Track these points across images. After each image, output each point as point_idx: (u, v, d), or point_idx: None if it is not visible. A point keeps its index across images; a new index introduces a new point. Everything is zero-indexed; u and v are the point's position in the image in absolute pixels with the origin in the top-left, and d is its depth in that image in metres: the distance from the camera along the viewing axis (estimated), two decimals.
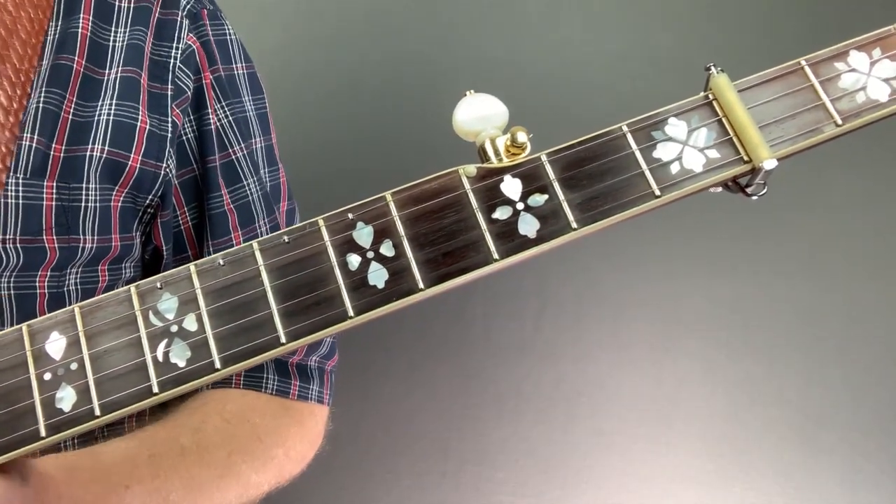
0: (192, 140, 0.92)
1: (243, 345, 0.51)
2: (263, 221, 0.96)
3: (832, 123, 0.53)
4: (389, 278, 0.52)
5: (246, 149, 0.96)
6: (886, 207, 1.57)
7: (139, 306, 0.52)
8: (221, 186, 0.93)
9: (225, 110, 0.95)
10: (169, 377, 0.51)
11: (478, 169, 0.53)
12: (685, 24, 1.56)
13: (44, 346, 0.52)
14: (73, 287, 0.83)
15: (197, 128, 0.92)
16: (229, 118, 0.95)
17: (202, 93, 0.93)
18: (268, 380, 0.94)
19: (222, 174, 0.93)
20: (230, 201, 0.93)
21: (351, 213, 0.53)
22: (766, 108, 0.53)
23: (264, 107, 1.01)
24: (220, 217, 0.92)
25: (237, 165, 0.95)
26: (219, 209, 0.92)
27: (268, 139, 0.99)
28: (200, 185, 0.92)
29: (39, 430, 0.50)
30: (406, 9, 1.54)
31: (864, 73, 0.54)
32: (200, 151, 0.92)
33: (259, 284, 0.52)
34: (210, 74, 0.93)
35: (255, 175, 0.96)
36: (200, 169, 0.92)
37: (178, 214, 0.92)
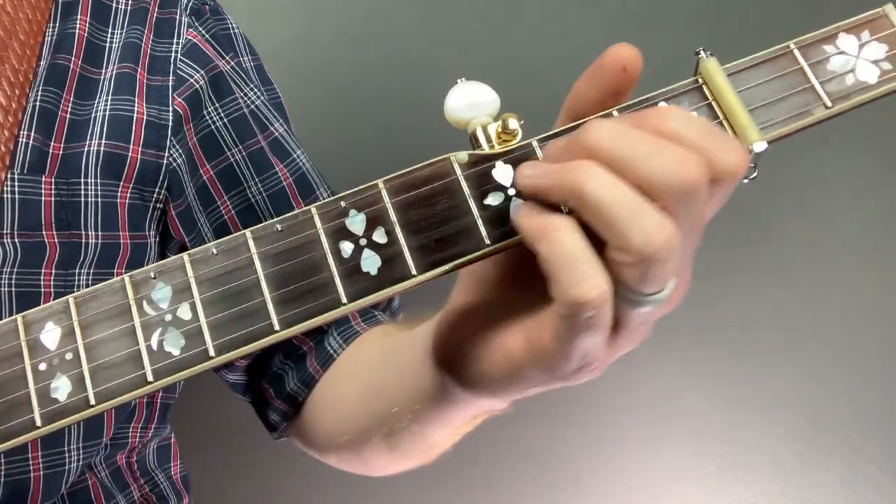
0: (223, 128, 0.91)
1: (237, 332, 0.51)
2: (324, 188, 0.95)
3: (822, 105, 0.53)
4: (382, 265, 0.52)
5: (284, 125, 0.96)
6: (886, 208, 1.58)
7: (133, 296, 0.52)
8: (275, 163, 0.93)
9: (255, 92, 0.95)
10: (163, 365, 0.51)
11: (469, 156, 0.53)
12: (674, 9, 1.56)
13: (38, 336, 0.52)
14: (85, 288, 0.83)
15: (225, 115, 0.92)
16: (262, 98, 0.95)
17: (222, 81, 0.93)
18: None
19: (273, 151, 0.93)
20: (288, 174, 0.93)
21: (343, 201, 0.53)
22: (755, 92, 0.54)
23: (278, 96, 1.01)
24: (279, 193, 0.92)
25: (283, 141, 0.95)
26: (276, 186, 0.92)
27: (288, 125, 0.99)
28: (243, 170, 0.92)
29: (35, 419, 0.50)
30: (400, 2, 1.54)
31: (853, 55, 0.54)
32: (239, 137, 0.92)
33: (252, 273, 0.52)
34: (228, 63, 0.94)
35: (301, 148, 0.96)
36: (240, 154, 0.92)
37: (220, 205, 0.91)
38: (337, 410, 0.88)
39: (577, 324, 0.47)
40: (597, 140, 0.47)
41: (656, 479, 1.54)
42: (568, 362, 0.50)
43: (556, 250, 0.47)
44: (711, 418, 1.55)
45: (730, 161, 0.47)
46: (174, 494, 0.99)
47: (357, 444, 0.82)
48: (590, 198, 0.46)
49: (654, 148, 0.46)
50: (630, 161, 0.46)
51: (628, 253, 0.45)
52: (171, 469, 1.01)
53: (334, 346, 0.90)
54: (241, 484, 1.47)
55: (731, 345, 1.56)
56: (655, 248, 0.45)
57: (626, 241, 0.45)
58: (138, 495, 0.94)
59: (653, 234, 0.45)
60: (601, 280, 0.46)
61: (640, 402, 1.55)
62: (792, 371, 1.55)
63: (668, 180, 0.45)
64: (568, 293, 0.46)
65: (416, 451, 0.75)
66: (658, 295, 0.48)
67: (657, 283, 0.47)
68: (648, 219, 0.45)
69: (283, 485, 1.47)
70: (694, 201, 0.46)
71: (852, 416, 1.55)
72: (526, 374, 0.53)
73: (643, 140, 0.47)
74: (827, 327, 1.56)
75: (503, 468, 1.52)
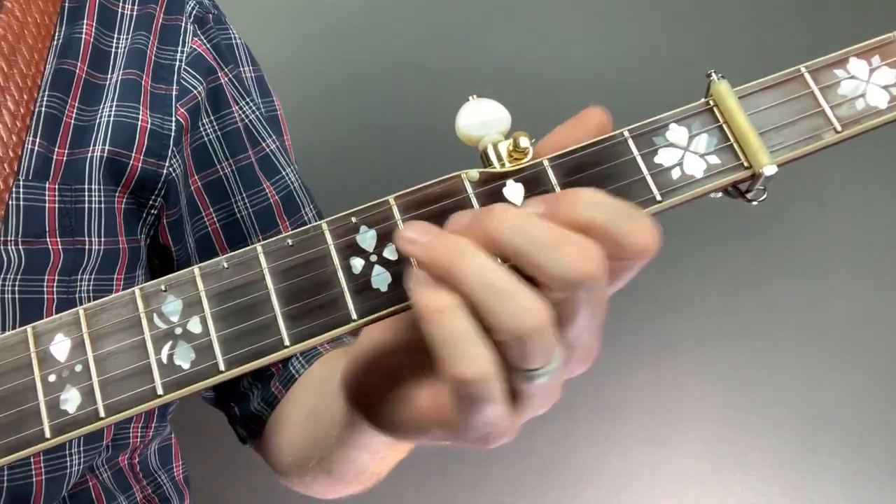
0: (216, 141, 0.91)
1: (247, 347, 0.51)
2: (309, 209, 0.96)
3: (832, 130, 0.54)
4: (392, 282, 0.52)
5: (277, 141, 0.96)
6: (886, 209, 1.58)
7: (143, 308, 0.52)
8: (262, 180, 0.93)
9: (251, 107, 0.95)
10: (173, 379, 0.51)
11: (480, 173, 0.53)
12: (686, 29, 1.56)
13: (48, 347, 0.52)
14: (87, 294, 0.83)
15: (220, 128, 0.92)
16: (256, 113, 0.95)
17: (221, 93, 0.93)
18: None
19: (261, 168, 0.93)
20: (274, 192, 0.93)
21: (354, 217, 0.53)
22: (766, 115, 0.54)
23: (275, 109, 1.01)
24: (265, 210, 0.92)
25: (273, 157, 0.95)
26: (263, 203, 0.92)
27: (282, 140, 0.99)
28: (231, 184, 0.92)
29: (44, 431, 0.51)
30: (408, 13, 1.54)
31: (864, 80, 0.54)
32: (230, 151, 0.92)
33: (263, 287, 0.52)
34: (227, 74, 0.94)
35: (291, 165, 0.96)
36: (230, 168, 0.92)
37: (204, 216, 0.91)
38: (281, 433, 0.90)
39: (466, 399, 0.48)
40: (497, 229, 0.48)
41: (656, 479, 1.54)
42: (470, 432, 0.51)
43: (439, 330, 0.47)
44: (711, 418, 1.55)
45: (640, 244, 0.48)
46: (176, 495, 0.99)
47: (298, 468, 0.84)
48: (462, 281, 0.47)
49: (555, 241, 0.47)
50: (528, 253, 0.47)
51: (501, 333, 0.47)
52: (174, 470, 1.01)
53: (297, 367, 0.91)
54: (241, 484, 1.47)
55: (731, 345, 1.56)
56: (526, 330, 0.46)
57: (497, 323, 0.46)
58: (141, 496, 0.94)
59: (523, 318, 0.46)
60: (481, 360, 0.47)
61: (641, 402, 1.55)
62: (792, 371, 1.56)
63: (565, 275, 0.46)
64: (448, 372, 0.47)
65: (350, 477, 0.76)
66: (543, 370, 0.48)
67: (537, 360, 0.48)
68: (519, 302, 0.46)
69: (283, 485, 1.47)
70: (592, 290, 0.47)
71: (852, 415, 1.55)
72: (433, 432, 0.54)
73: (544, 233, 0.47)
74: (827, 327, 1.56)
75: (503, 468, 1.52)
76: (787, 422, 1.55)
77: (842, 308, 1.56)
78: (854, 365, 1.56)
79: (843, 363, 1.56)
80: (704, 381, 1.56)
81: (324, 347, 0.92)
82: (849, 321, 1.56)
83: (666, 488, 1.54)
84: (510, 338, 0.46)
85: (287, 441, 0.88)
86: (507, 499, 1.52)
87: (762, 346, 1.56)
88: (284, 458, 0.88)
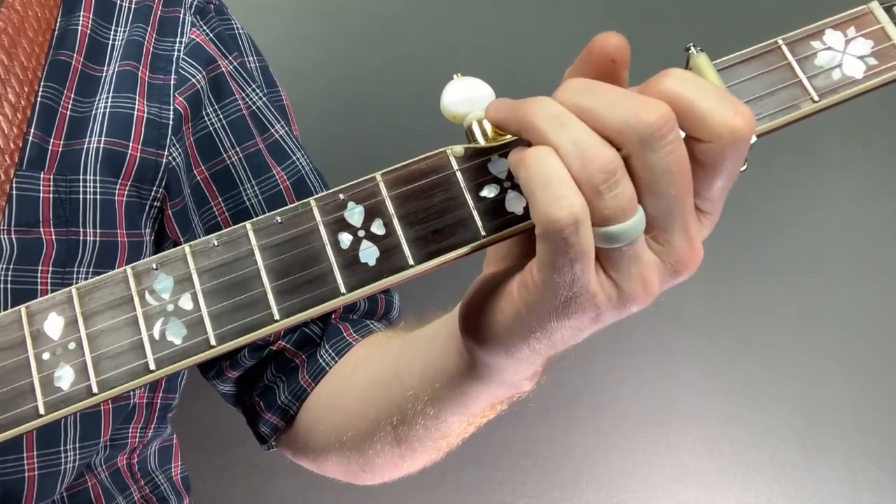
0: (221, 130, 0.92)
1: (238, 322, 0.52)
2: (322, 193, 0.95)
3: (809, 100, 0.54)
4: (380, 256, 0.52)
5: (286, 127, 0.96)
6: (886, 207, 1.58)
7: (136, 286, 0.53)
8: (273, 166, 0.93)
9: (257, 93, 0.95)
10: (165, 354, 0.52)
11: (465, 149, 0.54)
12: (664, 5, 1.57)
13: (42, 326, 0.53)
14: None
15: (224, 116, 0.92)
16: (263, 99, 0.95)
17: (223, 81, 0.93)
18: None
19: (271, 154, 0.93)
20: (285, 178, 0.93)
21: (342, 194, 0.54)
22: (744, 86, 0.55)
23: (281, 99, 1.01)
24: (275, 196, 0.92)
25: (282, 143, 0.95)
26: (273, 189, 0.92)
27: (290, 128, 0.99)
28: (239, 172, 0.92)
29: (38, 408, 0.51)
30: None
31: (840, 50, 0.55)
32: (237, 138, 0.92)
33: (252, 263, 0.53)
34: (231, 63, 0.94)
35: (302, 150, 0.96)
36: (237, 156, 0.92)
37: (213, 206, 0.92)
38: (341, 407, 0.87)
39: (555, 245, 0.48)
40: (565, 92, 0.50)
41: (656, 479, 1.54)
42: (554, 292, 0.50)
43: (532, 172, 0.48)
44: (711, 418, 1.56)
45: (730, 123, 0.48)
46: (175, 495, 0.99)
47: (362, 440, 0.81)
48: (536, 126, 0.49)
49: (618, 97, 0.48)
50: (593, 110, 0.48)
51: (573, 176, 0.48)
52: (171, 470, 1.00)
53: (326, 359, 0.91)
54: (241, 484, 1.48)
55: (731, 345, 1.56)
56: (593, 169, 0.47)
57: (569, 164, 0.48)
58: (139, 496, 0.94)
59: (590, 158, 0.47)
60: (574, 200, 0.47)
61: (641, 402, 1.55)
62: (792, 370, 1.56)
63: (627, 126, 0.47)
64: (541, 212, 0.48)
65: (426, 442, 0.75)
66: (620, 226, 0.48)
67: (612, 213, 0.48)
68: (588, 144, 0.48)
69: (283, 485, 1.47)
70: (658, 147, 0.47)
71: (852, 415, 1.55)
72: (523, 314, 0.53)
73: (609, 91, 0.49)
74: (827, 327, 1.56)
75: (503, 468, 1.52)
76: (787, 421, 1.56)
77: (842, 308, 1.57)
78: (854, 364, 1.56)
79: (843, 363, 1.56)
80: (704, 381, 1.56)
81: (353, 338, 0.92)
82: (849, 321, 1.57)
83: (666, 488, 1.54)
84: (581, 180, 0.47)
85: (346, 414, 0.85)
86: (507, 499, 1.52)
87: (762, 345, 1.56)
88: (340, 433, 0.85)
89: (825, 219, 1.59)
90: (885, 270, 1.57)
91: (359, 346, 0.91)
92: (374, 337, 0.92)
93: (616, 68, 0.52)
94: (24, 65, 0.82)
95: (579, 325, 0.53)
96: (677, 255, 0.51)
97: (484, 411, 0.69)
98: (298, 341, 0.93)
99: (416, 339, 0.77)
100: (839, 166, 1.58)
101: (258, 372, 0.95)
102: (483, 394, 0.65)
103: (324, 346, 0.92)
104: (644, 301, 0.52)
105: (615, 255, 0.50)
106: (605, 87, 0.49)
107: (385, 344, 0.88)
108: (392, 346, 0.84)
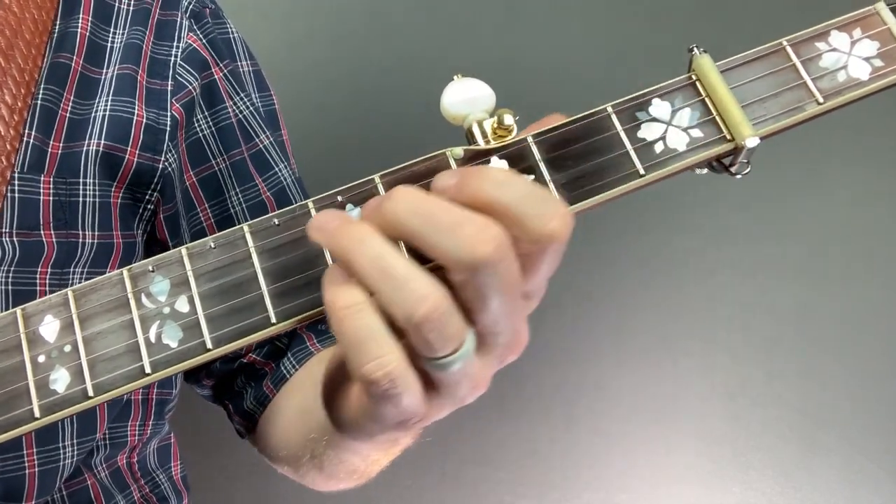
0: (210, 136, 0.92)
1: (234, 325, 0.52)
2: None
3: (814, 102, 0.54)
4: None
5: (271, 136, 0.96)
6: (886, 207, 1.58)
7: (132, 289, 0.52)
8: (255, 176, 0.93)
9: (245, 102, 0.95)
10: (161, 357, 0.51)
11: (465, 151, 0.54)
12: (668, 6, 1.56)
13: (38, 329, 0.52)
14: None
15: (214, 123, 0.92)
16: (251, 108, 0.95)
17: (215, 88, 0.93)
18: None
19: (254, 164, 0.93)
20: (266, 189, 0.93)
21: (340, 196, 0.53)
22: (748, 88, 0.54)
23: (272, 104, 1.01)
24: (257, 207, 0.92)
25: (266, 153, 0.95)
26: (255, 199, 0.93)
27: (279, 135, 0.99)
28: (225, 179, 0.92)
29: (34, 411, 0.51)
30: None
31: (845, 52, 0.55)
32: (224, 146, 0.92)
33: (250, 266, 0.52)
34: (222, 70, 0.94)
35: (285, 161, 0.97)
36: (224, 163, 0.92)
37: (199, 212, 0.92)
38: (278, 425, 0.91)
39: (376, 396, 0.48)
40: (394, 210, 0.48)
41: (656, 479, 1.54)
42: (388, 419, 0.51)
43: (344, 329, 0.47)
44: (711, 418, 1.55)
45: (548, 228, 0.47)
46: (175, 495, 0.99)
47: (292, 461, 0.85)
48: (359, 268, 0.47)
49: (452, 222, 0.46)
50: (424, 236, 0.47)
51: (398, 322, 0.47)
52: (171, 469, 1.01)
53: (288, 367, 0.92)
54: (241, 484, 1.47)
55: (731, 345, 1.56)
56: (419, 318, 0.46)
57: (392, 311, 0.47)
58: (139, 496, 0.94)
59: (416, 304, 0.46)
60: (387, 358, 0.47)
61: (641, 402, 1.55)
62: (792, 370, 1.56)
63: (461, 257, 0.46)
64: (356, 371, 0.47)
65: (341, 475, 0.77)
66: (452, 357, 0.48)
67: (441, 349, 0.47)
68: (412, 288, 0.46)
69: (283, 485, 1.46)
70: (496, 274, 0.46)
71: (852, 414, 1.55)
72: (363, 424, 0.54)
73: (441, 213, 0.47)
74: (827, 327, 1.56)
75: (504, 468, 1.52)
76: (787, 421, 1.55)
77: (842, 307, 1.56)
78: (854, 364, 1.56)
79: (843, 363, 1.56)
80: (704, 381, 1.56)
81: (315, 347, 0.93)
82: (849, 320, 1.56)
83: (666, 488, 1.54)
84: (408, 326, 0.46)
85: (282, 434, 0.89)
86: (507, 499, 1.52)
87: (762, 345, 1.56)
88: (280, 450, 0.89)
89: (825, 219, 1.58)
90: (885, 270, 1.57)
91: (311, 361, 0.92)
92: (323, 353, 0.93)
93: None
94: (21, 66, 0.82)
95: (421, 426, 0.54)
96: (505, 348, 0.52)
97: (376, 457, 0.71)
98: (268, 353, 0.95)
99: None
100: (839, 166, 1.57)
101: (231, 380, 0.97)
102: (363, 448, 0.67)
103: (287, 355, 0.93)
104: (474, 396, 0.53)
105: (446, 377, 0.50)
106: (437, 207, 0.47)
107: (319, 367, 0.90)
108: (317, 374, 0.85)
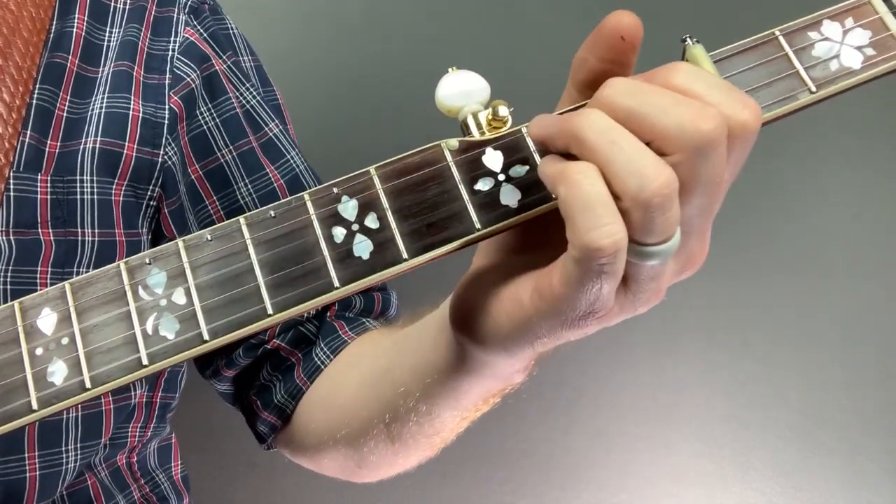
0: (214, 128, 0.92)
1: (231, 316, 0.52)
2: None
3: (806, 91, 0.54)
4: (374, 249, 0.52)
5: (280, 126, 0.96)
6: (886, 207, 1.58)
7: (129, 281, 0.53)
8: (266, 164, 0.93)
9: (251, 92, 0.95)
10: (158, 349, 0.51)
11: (460, 142, 0.54)
12: None
13: (35, 321, 0.52)
14: None
15: (218, 115, 0.92)
16: (257, 98, 0.95)
17: (216, 80, 0.93)
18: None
19: (265, 152, 0.93)
20: (279, 176, 0.93)
21: (336, 188, 0.54)
22: (741, 78, 0.54)
23: (276, 98, 1.01)
24: (268, 196, 0.92)
25: (276, 141, 0.95)
26: (266, 188, 0.92)
27: (286, 128, 0.99)
28: (232, 171, 0.92)
29: (31, 403, 0.51)
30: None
31: (837, 41, 0.55)
32: (230, 137, 0.92)
33: (246, 258, 0.53)
34: (224, 62, 0.94)
35: (296, 149, 0.96)
36: (231, 155, 0.92)
37: (208, 205, 0.92)
38: (335, 404, 0.87)
39: (589, 269, 0.47)
40: (610, 95, 0.48)
41: (656, 479, 1.54)
42: (574, 308, 0.49)
43: (575, 193, 0.46)
44: (711, 418, 1.55)
45: (742, 116, 0.47)
46: (174, 495, 0.99)
47: (356, 438, 0.81)
48: (587, 142, 0.47)
49: (670, 102, 0.47)
50: (645, 115, 0.47)
51: (625, 197, 0.46)
52: (171, 469, 1.01)
53: (321, 357, 0.91)
54: (241, 484, 1.47)
55: (731, 345, 1.56)
56: (651, 192, 0.45)
57: (621, 184, 0.46)
58: (139, 495, 0.94)
59: (648, 179, 0.45)
60: (617, 227, 0.46)
61: (641, 402, 1.55)
62: (792, 370, 1.56)
63: (684, 133, 0.46)
64: (583, 237, 0.46)
65: (420, 439, 0.74)
66: (660, 247, 0.47)
67: (657, 233, 0.46)
68: (645, 164, 0.45)
69: (283, 485, 1.47)
70: (711, 155, 0.46)
71: (852, 415, 1.55)
72: (533, 322, 0.52)
73: (658, 94, 0.47)
74: (827, 327, 1.56)
75: (503, 468, 1.52)
76: (787, 421, 1.55)
77: (842, 307, 1.56)
78: (854, 364, 1.56)
79: (843, 363, 1.55)
80: (704, 381, 1.56)
81: (348, 336, 0.91)
82: (849, 320, 1.56)
83: (666, 488, 1.54)
84: (636, 200, 0.45)
85: (340, 411, 0.85)
86: (507, 498, 1.52)
87: (762, 345, 1.56)
88: (334, 431, 0.85)
89: (825, 218, 1.58)
90: (885, 270, 1.57)
91: (353, 344, 0.91)
92: (368, 335, 0.92)
93: (626, 48, 0.51)
94: (19, 65, 0.82)
95: (589, 332, 0.52)
96: (689, 256, 0.51)
97: (476, 405, 0.69)
98: (294, 340, 0.93)
99: (406, 335, 0.76)
100: (839, 166, 1.57)
101: (254, 371, 0.95)
102: (475, 387, 0.65)
103: (319, 344, 0.91)
104: (651, 305, 0.52)
105: (642, 271, 0.49)
106: (652, 88, 0.48)
107: (378, 341, 0.88)
108: (385, 343, 0.83)
